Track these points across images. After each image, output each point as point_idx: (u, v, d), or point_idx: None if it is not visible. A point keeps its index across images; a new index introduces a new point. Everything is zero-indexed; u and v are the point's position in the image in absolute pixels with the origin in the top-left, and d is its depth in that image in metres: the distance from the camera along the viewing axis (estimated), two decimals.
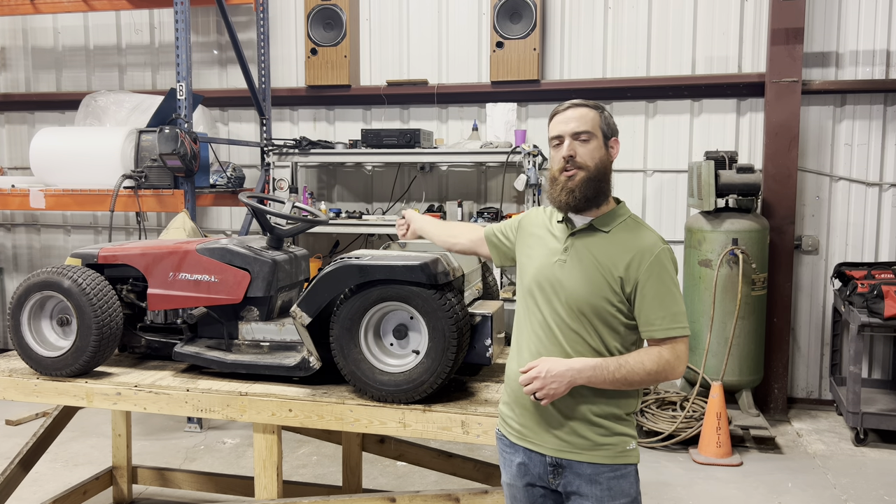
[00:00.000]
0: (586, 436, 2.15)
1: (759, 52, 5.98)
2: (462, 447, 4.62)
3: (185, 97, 5.27)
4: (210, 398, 2.98)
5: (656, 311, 2.09)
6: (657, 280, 2.09)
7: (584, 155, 2.15)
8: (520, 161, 5.69)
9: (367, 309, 2.80)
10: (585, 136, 2.16)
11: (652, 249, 2.11)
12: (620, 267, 2.11)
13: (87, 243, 7.49)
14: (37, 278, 3.16)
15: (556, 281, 2.17)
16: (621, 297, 2.11)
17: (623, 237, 2.15)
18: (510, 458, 2.30)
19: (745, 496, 4.43)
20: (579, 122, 2.17)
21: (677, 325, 2.10)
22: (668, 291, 2.10)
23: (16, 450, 4.22)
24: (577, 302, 2.12)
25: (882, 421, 5.19)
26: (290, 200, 3.57)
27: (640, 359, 2.09)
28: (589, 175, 2.15)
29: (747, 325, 5.45)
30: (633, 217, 2.22)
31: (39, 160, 5.69)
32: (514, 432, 2.27)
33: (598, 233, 2.17)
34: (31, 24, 7.52)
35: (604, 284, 2.11)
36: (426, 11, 6.60)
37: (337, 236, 6.65)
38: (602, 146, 2.18)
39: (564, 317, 2.15)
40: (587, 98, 2.27)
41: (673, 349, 2.10)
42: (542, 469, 2.21)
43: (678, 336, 2.11)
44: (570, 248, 2.18)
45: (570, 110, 2.19)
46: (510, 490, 2.32)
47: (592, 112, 2.19)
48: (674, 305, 2.10)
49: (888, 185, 5.92)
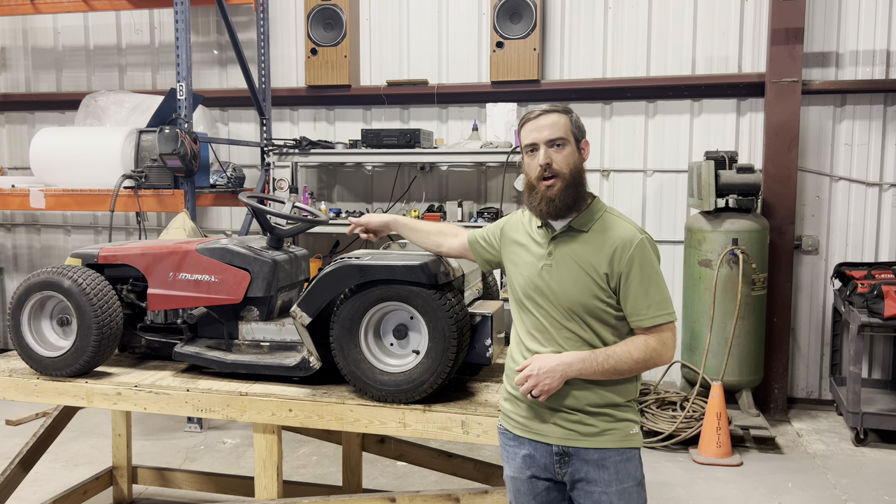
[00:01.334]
0: (591, 423, 2.19)
1: (759, 52, 5.98)
2: (462, 447, 4.62)
3: (185, 97, 5.27)
4: (210, 398, 2.98)
5: (641, 301, 2.15)
6: (639, 270, 2.14)
7: (559, 162, 2.19)
8: (520, 161, 5.68)
9: (367, 309, 2.80)
10: (560, 143, 2.19)
11: (631, 241, 2.16)
12: (603, 263, 2.16)
13: (87, 243, 7.49)
14: (37, 278, 3.16)
15: (545, 286, 2.21)
16: (609, 293, 2.17)
17: (602, 234, 2.19)
18: (514, 450, 2.32)
19: (745, 496, 4.43)
20: (552, 129, 2.19)
21: (662, 311, 2.16)
22: (651, 280, 2.15)
23: (16, 450, 4.22)
24: (569, 303, 2.18)
25: (882, 421, 5.19)
26: (290, 200, 3.57)
27: (626, 349, 2.15)
28: (566, 182, 2.18)
29: (747, 325, 5.45)
30: (608, 211, 2.26)
31: (39, 160, 5.69)
32: (519, 425, 2.31)
33: (578, 233, 2.21)
34: (31, 24, 7.52)
35: (591, 283, 2.16)
36: (426, 11, 6.60)
37: (337, 236, 6.65)
38: (575, 150, 2.22)
39: (558, 318, 2.20)
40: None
41: (659, 337, 2.16)
42: (549, 459, 2.24)
43: (663, 323, 2.16)
44: (553, 252, 2.23)
45: (543, 117, 2.21)
46: (513, 483, 2.34)
47: (564, 118, 2.22)
48: (657, 294, 2.16)
49: (888, 185, 5.92)
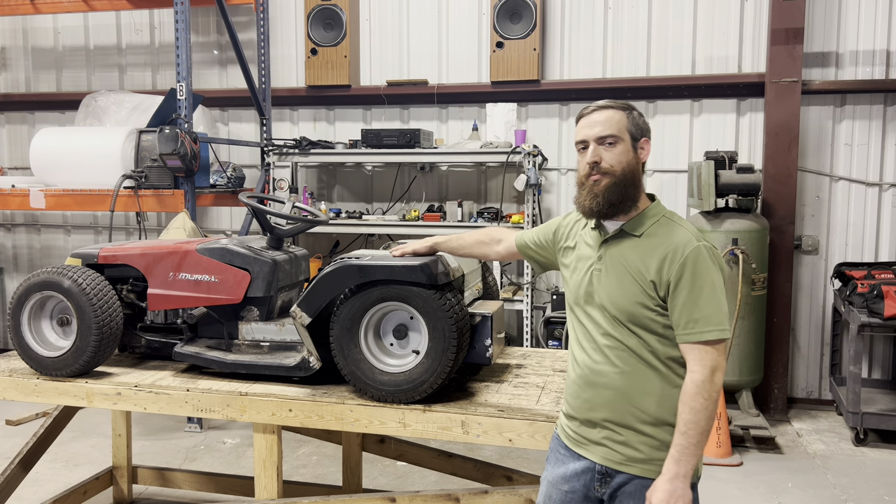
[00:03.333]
0: (638, 447, 2.09)
1: (759, 52, 5.98)
2: (462, 447, 4.61)
3: (185, 97, 5.27)
4: (210, 398, 2.98)
5: (689, 313, 1.99)
6: (690, 280, 1.99)
7: (610, 159, 2.08)
8: (520, 161, 5.69)
9: (367, 309, 2.79)
10: (612, 140, 2.08)
11: (683, 249, 2.01)
12: (652, 270, 2.03)
13: (87, 243, 7.49)
14: (37, 278, 3.16)
15: (594, 291, 2.13)
16: (658, 301, 2.03)
17: (654, 239, 2.07)
18: (563, 459, 2.25)
19: (745, 496, 4.43)
20: (604, 125, 2.09)
21: (710, 327, 1.97)
22: (703, 292, 1.98)
23: (16, 450, 4.22)
24: (615, 310, 2.08)
25: (882, 421, 5.19)
26: (290, 200, 3.57)
27: (686, 408, 1.97)
28: (615, 180, 2.07)
29: (747, 325, 5.45)
30: (667, 215, 2.12)
31: (39, 160, 5.69)
32: (571, 439, 2.23)
33: (630, 237, 2.10)
34: (31, 24, 7.52)
35: (638, 290, 2.04)
36: (426, 11, 6.60)
37: (337, 236, 6.66)
38: (630, 149, 2.10)
39: (604, 325, 2.10)
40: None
41: (701, 360, 1.97)
42: (591, 477, 2.16)
43: (711, 340, 1.98)
44: (604, 256, 2.13)
45: (596, 113, 2.11)
46: (548, 488, 2.27)
47: (619, 114, 2.10)
48: (708, 306, 1.98)
49: (888, 185, 5.92)
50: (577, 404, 2.19)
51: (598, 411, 2.13)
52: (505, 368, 3.34)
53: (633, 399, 2.07)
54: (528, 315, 5.83)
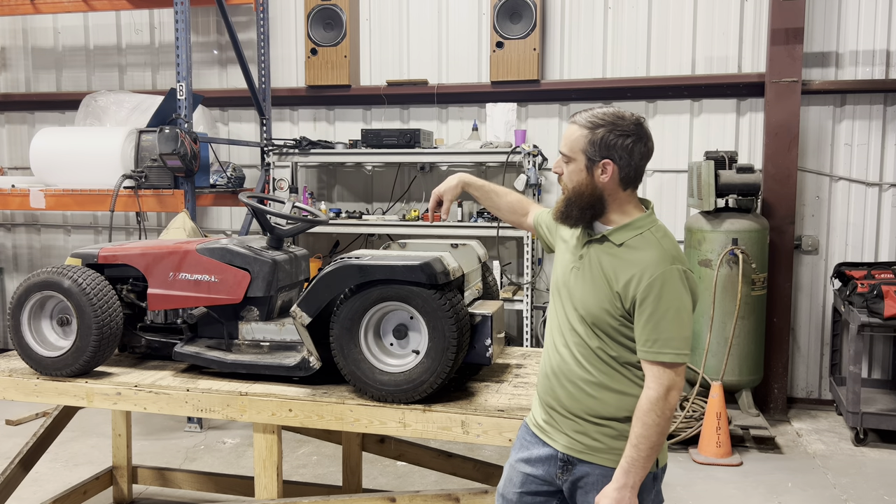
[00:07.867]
0: (597, 438, 2.14)
1: (759, 52, 5.98)
2: (462, 447, 4.62)
3: (185, 97, 5.27)
4: (210, 398, 2.98)
5: (649, 333, 1.99)
6: (655, 301, 1.98)
7: (565, 177, 2.14)
8: (520, 161, 5.70)
9: (367, 309, 2.80)
10: (566, 158, 2.13)
11: (654, 269, 2.00)
12: (620, 283, 2.04)
13: (87, 243, 7.49)
14: (37, 278, 3.16)
15: (570, 287, 2.18)
16: (622, 312, 2.05)
17: (631, 252, 2.06)
18: (527, 445, 2.31)
19: (745, 496, 4.43)
20: (564, 141, 2.13)
21: (668, 350, 1.97)
22: (666, 316, 1.97)
23: (16, 450, 4.22)
24: (583, 310, 2.12)
25: (882, 421, 5.19)
26: (290, 200, 3.57)
27: (639, 423, 2.00)
28: (567, 196, 2.13)
29: (747, 325, 5.45)
30: (652, 231, 2.10)
31: (39, 160, 5.69)
32: (537, 427, 2.30)
33: (611, 245, 2.11)
34: (31, 24, 7.52)
35: (605, 297, 2.07)
36: (426, 11, 6.60)
37: (337, 236, 6.65)
38: (582, 169, 2.08)
39: (573, 321, 2.16)
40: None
41: (658, 379, 1.98)
42: (553, 465, 2.22)
43: (666, 362, 1.98)
44: (584, 257, 2.16)
45: (568, 125, 2.14)
46: (510, 470, 2.34)
47: (580, 132, 2.08)
48: (669, 330, 1.97)
49: (888, 185, 5.92)
50: (542, 393, 2.28)
51: (561, 402, 2.19)
52: (505, 368, 3.34)
53: (593, 394, 2.13)
54: (528, 315, 5.83)
